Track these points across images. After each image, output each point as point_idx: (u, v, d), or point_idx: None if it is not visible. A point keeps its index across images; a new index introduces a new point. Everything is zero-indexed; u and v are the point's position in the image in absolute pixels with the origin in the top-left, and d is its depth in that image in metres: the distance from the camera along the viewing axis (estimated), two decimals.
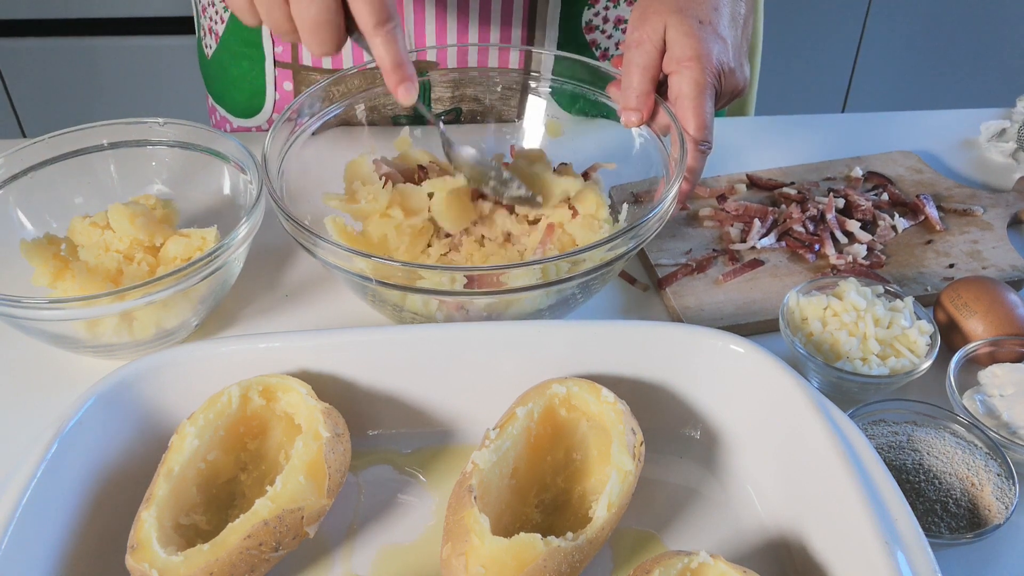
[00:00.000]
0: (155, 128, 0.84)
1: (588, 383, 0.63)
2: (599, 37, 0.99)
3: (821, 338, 0.71)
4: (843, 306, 0.72)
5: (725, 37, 0.77)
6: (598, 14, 0.97)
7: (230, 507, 0.62)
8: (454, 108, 0.97)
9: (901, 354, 0.70)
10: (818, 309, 0.72)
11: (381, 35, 0.66)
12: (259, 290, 0.83)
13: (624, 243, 0.68)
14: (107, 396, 0.62)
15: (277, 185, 0.76)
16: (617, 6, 0.97)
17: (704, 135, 0.75)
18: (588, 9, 0.97)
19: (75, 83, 2.10)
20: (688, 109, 0.74)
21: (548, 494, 0.64)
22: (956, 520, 0.61)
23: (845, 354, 0.69)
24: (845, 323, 0.71)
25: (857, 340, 0.70)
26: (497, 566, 0.54)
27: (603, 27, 0.98)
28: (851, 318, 0.71)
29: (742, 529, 0.63)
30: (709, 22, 0.76)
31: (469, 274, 0.65)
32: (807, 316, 0.72)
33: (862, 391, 0.70)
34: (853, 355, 0.69)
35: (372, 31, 0.66)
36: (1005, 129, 1.04)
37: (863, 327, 0.71)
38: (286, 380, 0.63)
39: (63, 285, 0.74)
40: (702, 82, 0.74)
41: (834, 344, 0.70)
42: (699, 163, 0.76)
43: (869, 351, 0.70)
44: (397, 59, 0.67)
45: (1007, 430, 0.66)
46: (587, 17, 0.97)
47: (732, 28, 0.78)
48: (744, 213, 0.89)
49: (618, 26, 0.99)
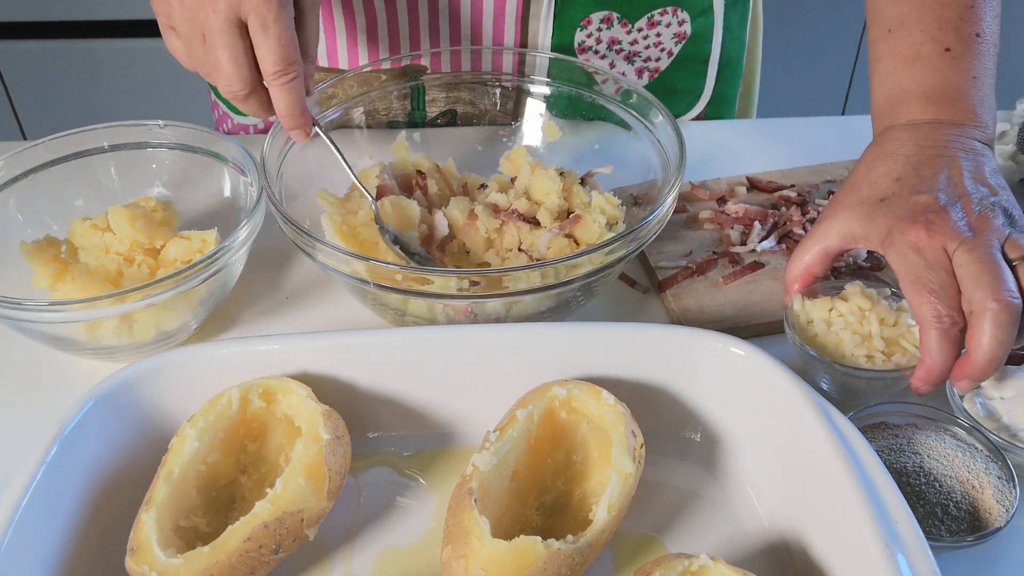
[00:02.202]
0: (155, 130, 0.84)
1: (588, 385, 0.63)
2: (592, 58, 0.99)
3: (825, 339, 0.71)
4: (848, 307, 0.71)
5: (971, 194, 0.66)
6: (591, 35, 0.97)
7: (230, 509, 0.62)
8: (449, 110, 0.98)
9: (907, 351, 0.70)
10: (823, 311, 0.72)
11: (277, 85, 0.70)
12: (259, 292, 0.83)
13: (624, 246, 0.68)
14: (107, 398, 0.62)
15: (276, 188, 0.76)
16: (611, 27, 0.96)
17: (934, 312, 0.63)
18: (580, 30, 0.96)
19: (75, 85, 2.10)
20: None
21: (548, 496, 0.64)
22: (957, 523, 0.61)
23: (850, 354, 0.69)
24: (849, 323, 0.71)
25: (861, 339, 0.70)
26: (497, 568, 0.53)
27: (596, 47, 0.98)
28: (856, 318, 0.71)
29: (743, 531, 0.63)
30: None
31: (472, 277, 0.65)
32: (812, 319, 0.72)
33: (869, 388, 0.70)
34: (858, 353, 0.69)
35: (270, 79, 0.70)
36: (1005, 131, 1.04)
37: (867, 326, 0.70)
38: (286, 382, 0.63)
39: (63, 287, 0.74)
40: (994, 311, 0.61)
41: (838, 344, 0.70)
42: (943, 347, 0.63)
43: (875, 349, 0.69)
44: (291, 108, 0.72)
45: (1008, 433, 0.66)
46: (579, 38, 0.97)
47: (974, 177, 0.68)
48: (744, 216, 0.89)
49: (611, 47, 0.98)
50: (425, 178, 0.83)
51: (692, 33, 1.00)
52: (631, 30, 0.97)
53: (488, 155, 0.92)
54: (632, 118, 0.84)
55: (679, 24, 0.99)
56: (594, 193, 0.81)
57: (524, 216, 0.78)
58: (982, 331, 0.61)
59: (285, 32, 0.68)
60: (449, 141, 0.95)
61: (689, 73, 1.04)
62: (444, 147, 0.93)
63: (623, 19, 0.96)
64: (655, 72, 1.02)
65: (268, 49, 0.68)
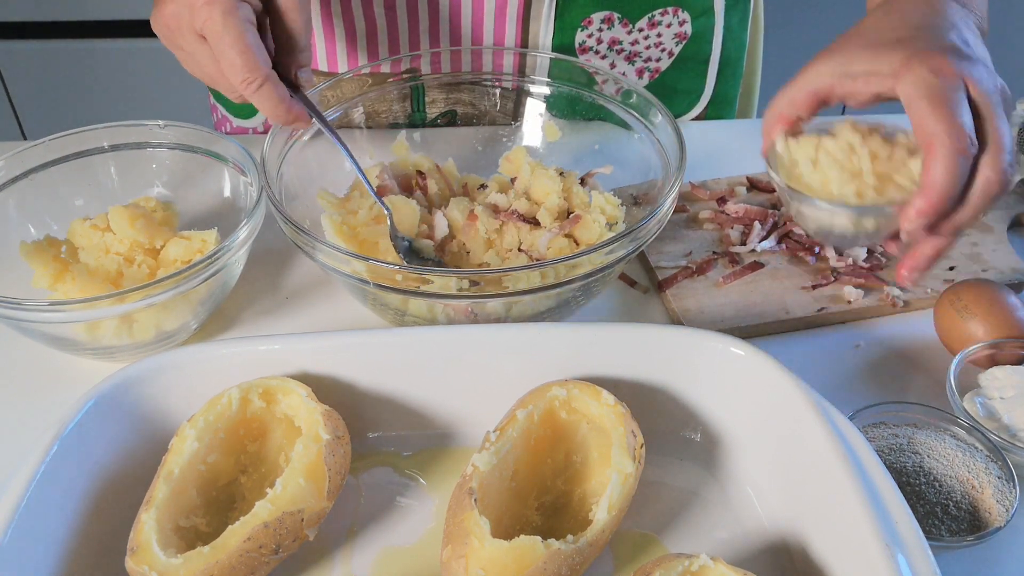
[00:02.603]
0: (155, 130, 0.84)
1: (588, 385, 0.63)
2: (592, 58, 0.99)
3: (811, 179, 0.64)
4: (837, 144, 0.64)
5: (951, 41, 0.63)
6: (591, 35, 0.97)
7: (230, 509, 0.62)
8: (449, 111, 0.97)
9: (903, 187, 0.62)
10: (809, 150, 0.65)
11: (249, 94, 0.70)
12: (259, 292, 0.83)
13: (624, 246, 0.68)
14: (107, 398, 0.62)
15: (276, 188, 0.76)
16: (611, 27, 0.96)
17: (956, 130, 0.57)
18: (581, 31, 0.96)
19: (75, 85, 2.10)
20: (924, 110, 0.59)
21: (548, 496, 0.64)
22: (957, 523, 0.61)
23: (838, 192, 0.63)
24: (838, 160, 0.64)
25: (851, 176, 0.63)
26: (497, 568, 0.54)
27: (596, 48, 0.98)
28: (845, 155, 0.64)
29: (743, 531, 0.63)
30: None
31: (472, 277, 0.65)
32: (797, 160, 0.65)
33: (859, 229, 0.63)
34: (847, 191, 0.63)
35: (240, 89, 0.69)
36: None
37: (858, 162, 0.63)
38: (286, 382, 0.63)
39: (63, 287, 0.74)
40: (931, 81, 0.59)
41: (825, 184, 0.64)
42: (953, 169, 0.58)
43: (866, 186, 0.63)
44: (272, 110, 0.71)
45: (1007, 432, 0.66)
46: (580, 38, 0.97)
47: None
48: (744, 216, 0.89)
49: (612, 47, 0.98)
50: (425, 178, 0.83)
51: (693, 33, 1.00)
52: (632, 30, 0.97)
53: (488, 155, 0.92)
54: (632, 118, 0.84)
55: (680, 24, 0.99)
56: (594, 193, 0.81)
57: (524, 216, 0.78)
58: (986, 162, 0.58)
59: (238, 41, 0.67)
60: (449, 141, 0.95)
61: (690, 73, 1.04)
62: (444, 147, 0.93)
63: (624, 19, 0.96)
64: (655, 72, 1.02)
65: (228, 63, 0.68)
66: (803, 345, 0.78)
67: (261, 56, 0.69)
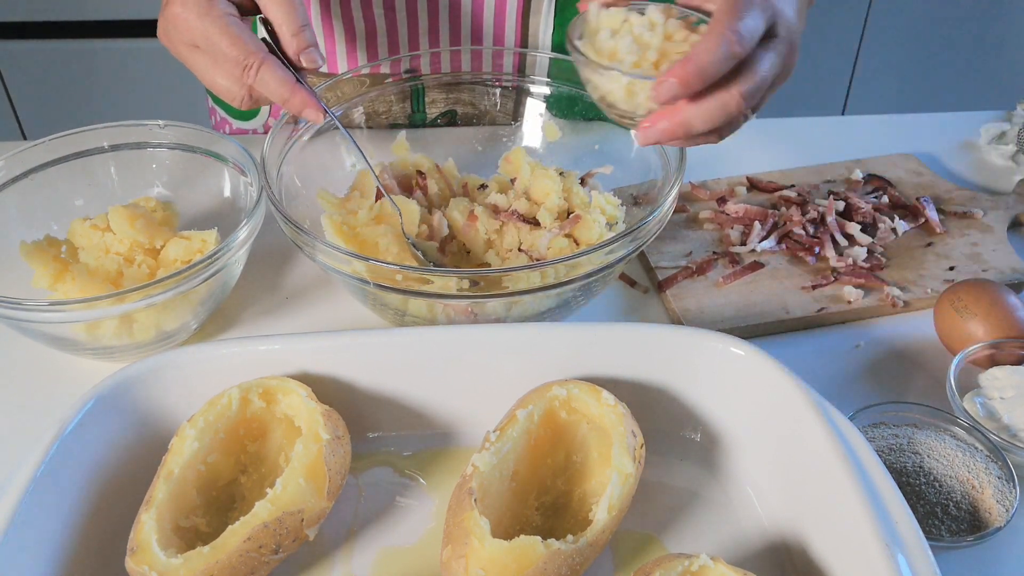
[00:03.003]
0: (155, 130, 0.84)
1: (588, 385, 0.63)
2: None
3: (604, 45, 0.65)
4: (641, 20, 0.65)
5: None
6: None
7: (230, 509, 0.62)
8: (449, 111, 0.97)
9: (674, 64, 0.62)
10: (616, 21, 0.66)
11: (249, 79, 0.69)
12: (259, 292, 0.83)
13: (624, 246, 0.68)
14: (107, 398, 0.62)
15: (276, 188, 0.76)
16: None
17: (735, 24, 0.60)
18: None
19: (75, 85, 2.10)
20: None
21: (548, 496, 0.64)
22: (957, 523, 0.61)
23: (620, 59, 0.64)
24: (635, 33, 0.65)
25: (640, 49, 0.64)
26: (497, 568, 0.53)
27: None
28: (644, 29, 0.65)
29: (742, 531, 0.63)
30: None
31: (472, 277, 0.65)
32: (600, 27, 0.66)
33: (629, 99, 0.64)
34: (628, 59, 0.63)
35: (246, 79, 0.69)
36: (1005, 132, 1.04)
37: (650, 38, 0.64)
38: (286, 382, 0.63)
39: (63, 287, 0.74)
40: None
41: (614, 52, 0.64)
42: (717, 51, 0.60)
43: (647, 60, 0.63)
44: (278, 90, 0.69)
45: (1007, 433, 0.66)
46: None
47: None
48: (744, 216, 0.89)
49: None
50: (425, 178, 0.83)
51: None
52: None
53: (488, 155, 0.92)
54: None
55: None
56: (594, 193, 0.81)
57: (524, 216, 0.78)
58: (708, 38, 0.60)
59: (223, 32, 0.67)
60: (449, 141, 0.95)
61: None
62: (444, 147, 0.93)
63: None
64: None
65: (222, 57, 0.68)
66: (803, 345, 0.78)
67: (251, 40, 0.69)
